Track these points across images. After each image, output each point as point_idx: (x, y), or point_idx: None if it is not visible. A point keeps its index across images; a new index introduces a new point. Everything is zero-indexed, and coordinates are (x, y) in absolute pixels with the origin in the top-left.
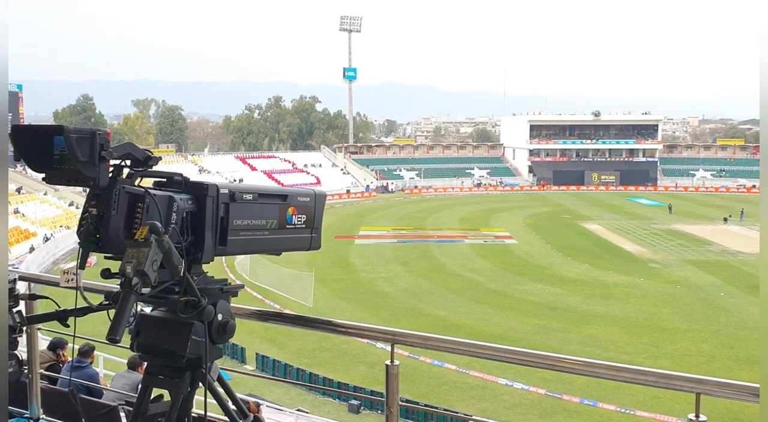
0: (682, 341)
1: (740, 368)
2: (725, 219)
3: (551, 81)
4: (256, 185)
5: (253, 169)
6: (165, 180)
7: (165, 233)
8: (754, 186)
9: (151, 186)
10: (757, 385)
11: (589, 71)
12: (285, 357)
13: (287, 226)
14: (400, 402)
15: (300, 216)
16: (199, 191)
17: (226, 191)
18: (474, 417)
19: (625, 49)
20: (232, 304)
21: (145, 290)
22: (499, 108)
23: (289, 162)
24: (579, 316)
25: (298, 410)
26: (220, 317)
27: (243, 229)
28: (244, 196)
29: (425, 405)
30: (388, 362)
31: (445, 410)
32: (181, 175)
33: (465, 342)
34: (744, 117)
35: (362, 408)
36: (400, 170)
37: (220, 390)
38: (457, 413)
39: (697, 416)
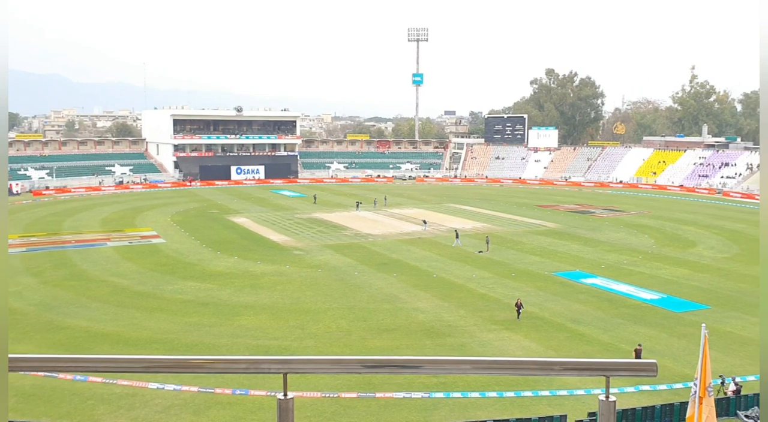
0: (324, 319)
1: (373, 337)
2: (357, 206)
3: (193, 75)
4: None
5: None
6: None
7: None
8: (378, 175)
9: None
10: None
11: (231, 67)
12: None
13: None
14: None
15: None
16: None
17: None
18: None
19: (263, 48)
20: None
21: None
22: (141, 101)
23: None
24: (230, 309)
25: None
26: None
27: None
28: None
29: None
30: None
31: None
32: None
33: (84, 358)
34: (368, 115)
35: None
36: (27, 169)
37: None
38: None
39: (285, 395)
